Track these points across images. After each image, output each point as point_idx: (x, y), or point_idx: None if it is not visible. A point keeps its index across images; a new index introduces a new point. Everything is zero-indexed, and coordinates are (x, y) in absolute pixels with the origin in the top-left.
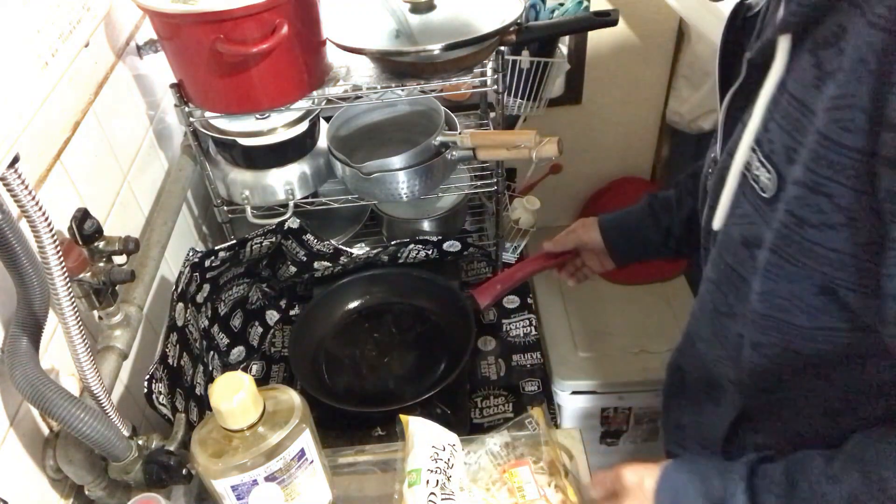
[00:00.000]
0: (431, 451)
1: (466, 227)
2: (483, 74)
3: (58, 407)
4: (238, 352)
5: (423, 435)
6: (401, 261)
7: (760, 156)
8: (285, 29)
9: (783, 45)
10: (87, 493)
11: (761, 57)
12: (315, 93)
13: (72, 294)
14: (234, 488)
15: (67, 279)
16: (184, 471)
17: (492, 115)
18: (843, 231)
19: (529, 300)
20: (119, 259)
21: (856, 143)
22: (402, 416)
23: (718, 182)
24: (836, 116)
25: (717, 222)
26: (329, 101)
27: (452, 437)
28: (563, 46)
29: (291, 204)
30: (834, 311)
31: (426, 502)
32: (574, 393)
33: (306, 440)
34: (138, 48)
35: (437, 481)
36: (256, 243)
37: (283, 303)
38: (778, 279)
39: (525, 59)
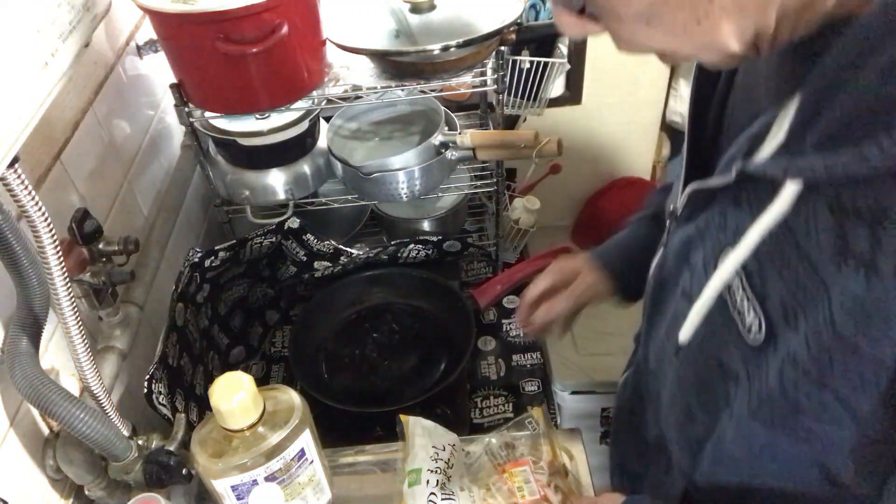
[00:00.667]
0: (431, 452)
1: (466, 227)
2: (483, 74)
3: (58, 407)
4: (238, 352)
5: (423, 435)
6: (401, 261)
7: (748, 289)
8: (285, 29)
9: (792, 189)
10: (87, 493)
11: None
12: (315, 93)
13: (72, 294)
14: (234, 488)
15: (67, 279)
16: (184, 471)
17: (492, 115)
18: (845, 428)
19: None
20: (119, 259)
21: (884, 356)
22: (402, 416)
23: (680, 275)
24: (863, 325)
25: (684, 335)
26: (329, 101)
27: (452, 437)
28: (563, 46)
29: (291, 204)
30: (818, 480)
31: (426, 502)
32: (574, 393)
33: (306, 440)
34: (138, 48)
35: (438, 481)
36: (256, 243)
37: (283, 303)
38: (754, 436)
39: (525, 59)
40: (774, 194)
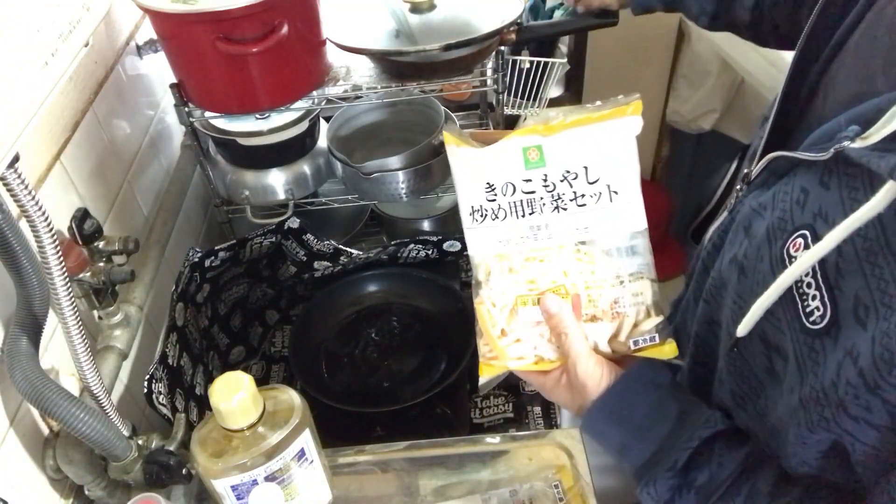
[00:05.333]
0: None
1: None
2: (483, 74)
3: (58, 407)
4: (238, 352)
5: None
6: (401, 261)
7: (821, 282)
8: (285, 28)
9: (894, 187)
10: (87, 493)
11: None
12: (315, 93)
13: (72, 294)
14: (234, 488)
15: (67, 279)
16: (184, 471)
17: (492, 115)
18: (884, 434)
19: None
20: (119, 259)
21: None
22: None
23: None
24: None
25: (743, 329)
26: (329, 101)
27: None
28: (563, 46)
29: (291, 204)
30: (825, 462)
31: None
32: None
33: (306, 440)
34: (138, 48)
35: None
36: (256, 243)
37: (283, 303)
38: (791, 416)
39: (525, 59)
40: (872, 188)
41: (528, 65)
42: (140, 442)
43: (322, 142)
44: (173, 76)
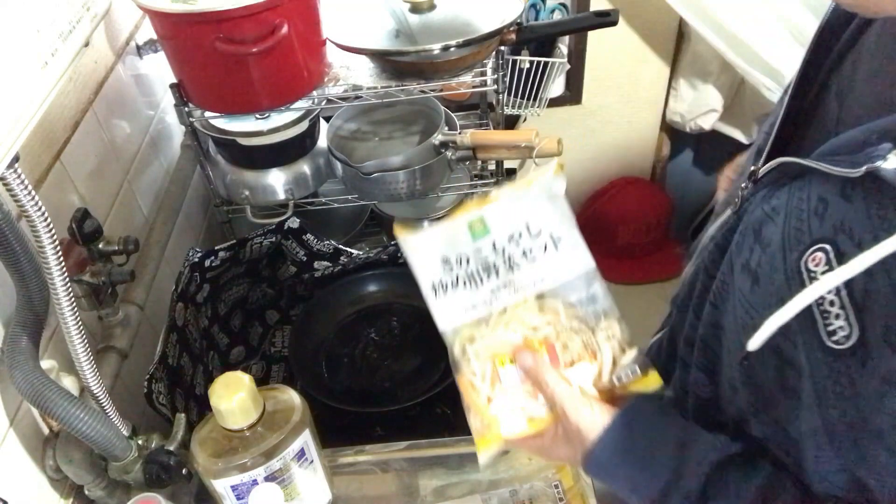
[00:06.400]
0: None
1: None
2: (483, 74)
3: (58, 407)
4: (238, 352)
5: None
6: (401, 261)
7: (847, 303)
8: (285, 29)
9: None
10: (86, 493)
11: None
12: (315, 93)
13: (72, 294)
14: (233, 488)
15: (67, 279)
16: (184, 471)
17: (492, 115)
18: None
19: None
20: (119, 259)
21: None
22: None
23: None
24: None
25: (755, 343)
26: (329, 101)
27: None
28: (563, 46)
29: (291, 204)
30: (840, 484)
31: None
32: None
33: (306, 440)
34: (138, 48)
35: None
36: (256, 243)
37: (283, 303)
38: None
39: (525, 59)
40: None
41: (528, 65)
42: (140, 442)
43: (322, 142)
44: (173, 76)
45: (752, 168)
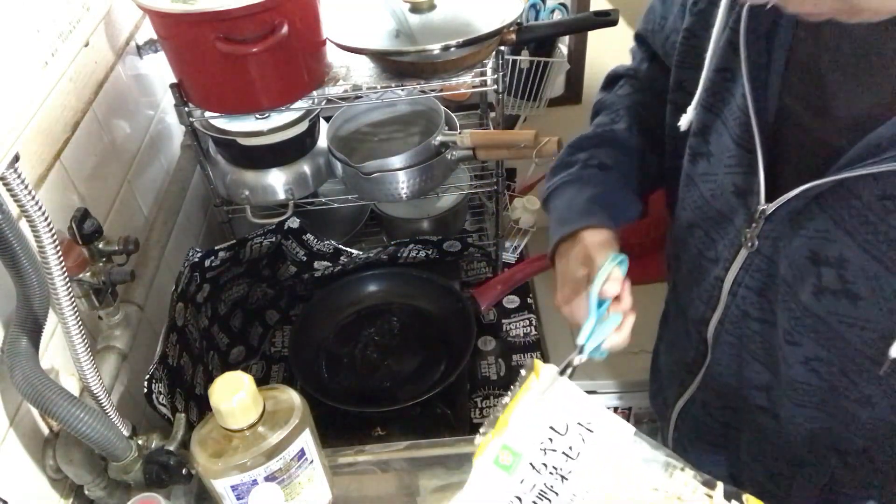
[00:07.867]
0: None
1: (466, 227)
2: (483, 74)
3: (58, 407)
4: (238, 352)
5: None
6: (401, 261)
7: None
8: (285, 29)
9: None
10: (86, 493)
11: None
12: (315, 93)
13: (72, 294)
14: (233, 488)
15: (67, 279)
16: (184, 471)
17: (492, 115)
18: None
19: (529, 300)
20: (119, 259)
21: None
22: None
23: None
24: None
25: None
26: (329, 101)
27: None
28: (563, 46)
29: (291, 204)
30: None
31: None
32: None
33: (306, 440)
34: (138, 48)
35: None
36: (256, 243)
37: (283, 303)
38: None
39: (525, 59)
40: None
41: (528, 65)
42: (140, 442)
43: (322, 142)
44: (173, 76)
45: (761, 208)
